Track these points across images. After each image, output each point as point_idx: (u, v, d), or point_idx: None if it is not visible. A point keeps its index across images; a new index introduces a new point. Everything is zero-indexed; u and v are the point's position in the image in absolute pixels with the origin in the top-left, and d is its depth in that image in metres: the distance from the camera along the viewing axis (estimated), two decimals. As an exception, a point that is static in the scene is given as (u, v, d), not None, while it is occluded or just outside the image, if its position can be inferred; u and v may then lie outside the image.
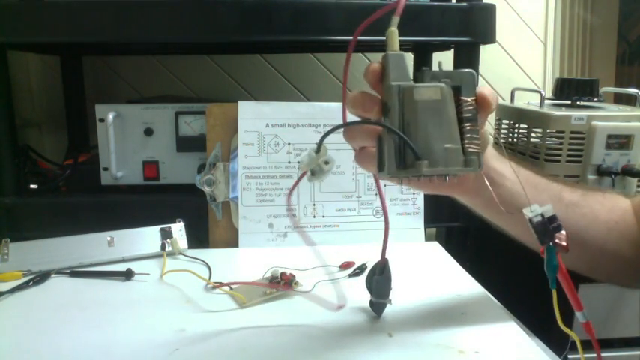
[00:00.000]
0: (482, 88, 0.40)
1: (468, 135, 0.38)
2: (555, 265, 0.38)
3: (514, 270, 0.80)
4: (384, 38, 0.41)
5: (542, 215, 0.39)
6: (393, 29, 0.40)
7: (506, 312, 0.55)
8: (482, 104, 0.39)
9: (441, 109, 0.37)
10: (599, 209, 0.52)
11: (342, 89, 0.45)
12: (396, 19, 0.39)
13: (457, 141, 0.37)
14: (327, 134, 0.41)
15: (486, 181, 0.46)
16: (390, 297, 0.51)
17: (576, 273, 0.50)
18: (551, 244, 0.38)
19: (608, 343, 0.69)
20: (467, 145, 0.38)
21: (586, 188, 0.55)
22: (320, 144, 0.42)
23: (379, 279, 0.50)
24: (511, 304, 0.58)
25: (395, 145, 0.37)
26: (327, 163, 0.44)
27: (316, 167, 0.43)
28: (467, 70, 0.39)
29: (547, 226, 0.38)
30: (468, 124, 0.38)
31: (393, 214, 0.77)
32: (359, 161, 0.44)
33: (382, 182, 0.48)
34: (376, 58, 1.34)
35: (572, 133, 0.77)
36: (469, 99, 0.38)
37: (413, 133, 0.36)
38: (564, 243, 0.38)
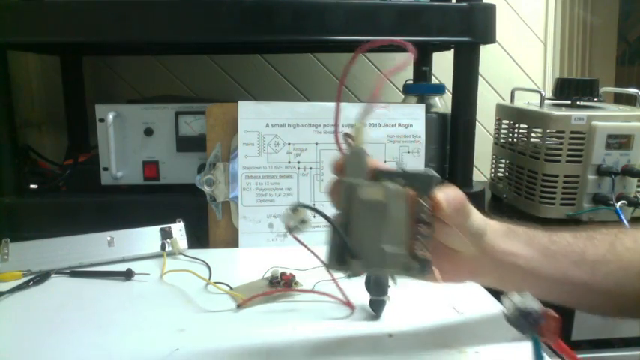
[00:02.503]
0: (439, 192, 0.39)
1: (418, 237, 0.38)
2: (541, 356, 0.35)
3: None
4: (384, 38, 0.41)
5: (518, 309, 0.37)
6: (359, 125, 0.39)
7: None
8: (435, 207, 0.39)
9: (384, 210, 0.37)
10: (630, 258, 0.46)
11: (344, 90, 0.44)
12: (364, 113, 0.38)
13: (400, 242, 0.37)
14: (298, 206, 0.43)
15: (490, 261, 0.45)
16: (389, 294, 0.51)
17: None
18: (536, 335, 0.36)
19: (608, 343, 0.69)
20: (414, 249, 0.38)
21: (613, 233, 0.49)
22: (294, 207, 0.43)
23: (375, 277, 0.50)
24: (511, 304, 0.58)
25: (336, 240, 0.39)
26: (303, 222, 0.44)
27: (295, 224, 0.44)
28: (426, 171, 0.39)
29: (527, 319, 0.37)
30: (421, 227, 0.38)
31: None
32: None
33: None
34: (376, 57, 1.34)
35: (572, 133, 0.77)
36: (423, 202, 0.38)
37: (353, 231, 0.38)
38: (552, 326, 0.36)
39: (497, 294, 0.60)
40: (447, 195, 0.39)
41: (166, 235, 0.69)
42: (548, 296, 0.41)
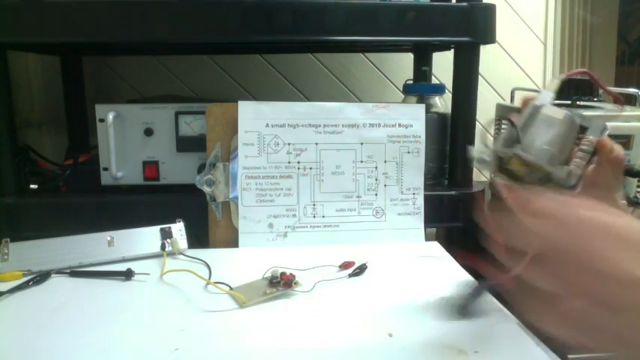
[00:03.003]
0: (608, 139, 0.45)
1: (576, 159, 0.44)
2: None
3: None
4: (383, 38, 0.43)
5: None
6: (556, 81, 0.51)
7: (507, 312, 0.55)
8: (601, 146, 0.44)
9: (557, 126, 0.45)
10: None
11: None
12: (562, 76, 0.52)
13: (559, 151, 0.44)
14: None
15: None
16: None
17: None
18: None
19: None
20: (571, 164, 0.44)
21: None
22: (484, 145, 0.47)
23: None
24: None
25: (509, 132, 0.45)
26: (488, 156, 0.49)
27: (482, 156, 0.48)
28: (604, 123, 0.46)
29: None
30: (580, 153, 0.45)
31: (393, 214, 0.77)
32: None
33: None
34: (376, 57, 1.34)
35: (572, 133, 0.77)
36: (591, 138, 0.45)
37: (527, 132, 0.45)
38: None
39: (497, 294, 0.60)
40: (611, 143, 0.44)
41: (166, 235, 0.69)
42: None
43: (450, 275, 0.64)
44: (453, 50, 0.83)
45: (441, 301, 0.55)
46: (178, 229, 0.70)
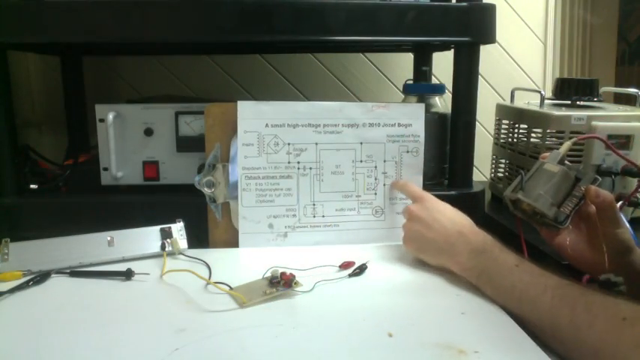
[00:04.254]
0: (596, 187, 0.57)
1: (567, 203, 0.59)
2: None
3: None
4: (383, 38, 0.46)
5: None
6: (568, 143, 0.64)
7: (506, 312, 0.55)
8: (586, 193, 0.58)
9: (554, 178, 0.59)
10: None
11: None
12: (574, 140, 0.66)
13: (553, 196, 0.58)
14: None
15: None
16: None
17: None
18: None
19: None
20: (562, 207, 0.59)
21: None
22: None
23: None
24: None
25: (519, 181, 0.61)
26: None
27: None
28: (593, 175, 0.59)
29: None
30: (572, 199, 0.59)
31: (392, 213, 0.77)
32: (543, 232, 0.63)
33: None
34: (376, 57, 1.34)
35: (572, 133, 0.77)
36: (582, 187, 0.58)
37: (530, 181, 0.61)
38: None
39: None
40: (600, 191, 0.56)
41: (166, 235, 0.69)
42: None
43: (449, 275, 0.64)
44: (453, 50, 0.83)
45: None
46: (178, 229, 0.70)
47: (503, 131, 0.95)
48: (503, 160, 0.96)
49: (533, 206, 0.59)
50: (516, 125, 0.90)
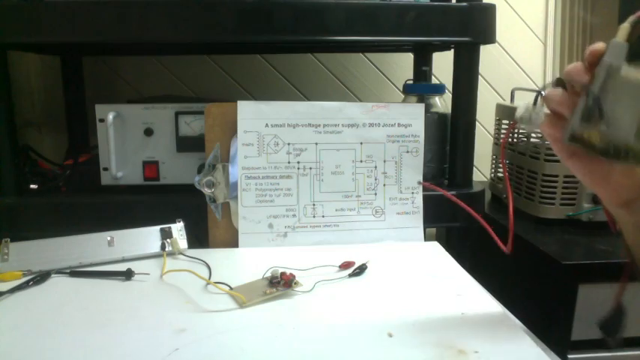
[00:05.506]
0: None
1: None
2: None
3: (514, 270, 0.80)
4: (383, 38, 0.42)
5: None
6: (626, 25, 0.44)
7: (506, 312, 0.55)
8: None
9: None
10: None
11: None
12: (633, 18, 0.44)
13: None
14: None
15: None
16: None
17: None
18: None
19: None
20: None
21: None
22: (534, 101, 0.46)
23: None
24: (511, 304, 0.58)
25: (586, 105, 0.39)
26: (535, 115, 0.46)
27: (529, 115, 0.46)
28: None
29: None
30: None
31: (392, 213, 0.77)
32: (546, 124, 0.45)
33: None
34: (376, 57, 1.33)
35: (572, 133, 0.77)
36: None
37: (607, 101, 0.38)
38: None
39: (497, 294, 0.60)
40: None
41: (166, 235, 0.69)
42: None
43: (449, 275, 0.64)
44: (453, 50, 0.83)
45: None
46: (178, 229, 0.70)
47: (503, 131, 0.95)
48: (503, 160, 0.96)
49: (626, 146, 0.39)
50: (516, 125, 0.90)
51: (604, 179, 0.43)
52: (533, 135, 0.84)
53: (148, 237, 0.69)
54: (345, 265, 0.65)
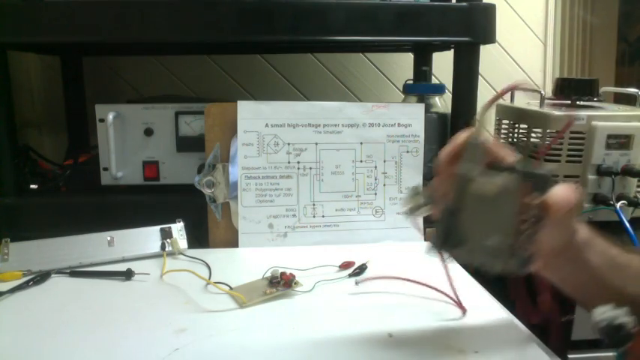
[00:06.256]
0: (554, 194, 0.39)
1: (525, 236, 0.39)
2: None
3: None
4: (383, 38, 0.42)
5: (610, 321, 0.38)
6: (480, 118, 0.42)
7: (507, 312, 0.55)
8: (547, 210, 0.39)
9: (495, 205, 0.38)
10: None
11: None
12: (485, 108, 0.42)
13: (506, 239, 0.38)
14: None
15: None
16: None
17: None
18: (620, 351, 0.36)
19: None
20: (518, 245, 0.39)
21: None
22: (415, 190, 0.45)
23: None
24: (511, 304, 0.58)
25: (445, 225, 0.39)
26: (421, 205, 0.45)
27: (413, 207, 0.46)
28: (543, 172, 0.39)
29: (617, 332, 0.37)
30: (527, 225, 0.39)
31: (392, 213, 0.77)
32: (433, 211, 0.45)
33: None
34: (376, 57, 1.33)
35: (572, 133, 0.77)
36: (535, 201, 0.39)
37: (461, 220, 0.39)
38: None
39: (497, 294, 0.60)
40: (561, 198, 0.39)
41: (166, 235, 0.69)
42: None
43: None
44: (453, 50, 0.83)
45: None
46: (178, 229, 0.70)
47: (503, 131, 0.95)
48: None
49: (479, 264, 0.40)
50: (516, 125, 0.90)
51: None
52: (533, 135, 0.84)
53: (148, 237, 0.69)
54: (345, 265, 0.65)
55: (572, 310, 0.62)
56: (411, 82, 1.01)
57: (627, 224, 0.72)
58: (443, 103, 0.88)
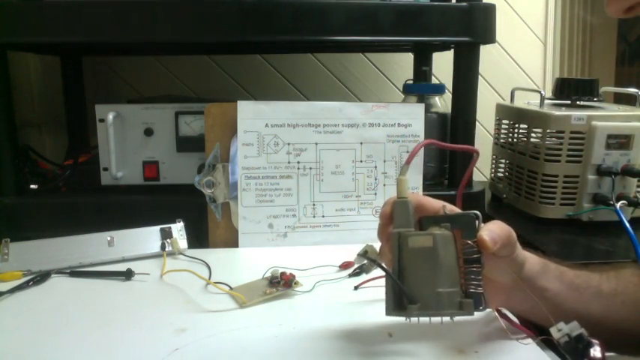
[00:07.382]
0: (484, 230, 0.41)
1: (470, 276, 0.41)
2: None
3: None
4: (383, 38, 0.42)
5: (568, 335, 0.39)
6: (402, 178, 0.45)
7: (507, 312, 0.55)
8: (481, 247, 0.41)
9: (435, 255, 0.40)
10: (635, 291, 0.49)
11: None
12: (405, 168, 0.45)
13: (454, 283, 0.40)
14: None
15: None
16: None
17: None
18: None
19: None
20: (467, 287, 0.41)
21: (616, 267, 0.51)
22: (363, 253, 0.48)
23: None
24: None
25: (393, 287, 0.41)
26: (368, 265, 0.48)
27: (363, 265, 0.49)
28: (468, 213, 0.42)
29: (576, 345, 0.39)
30: (470, 266, 0.41)
31: (393, 214, 0.77)
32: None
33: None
34: (376, 57, 1.33)
35: (572, 133, 0.77)
36: (470, 241, 0.41)
37: (407, 277, 0.40)
38: (599, 356, 0.38)
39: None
40: (492, 232, 0.41)
41: (166, 235, 0.69)
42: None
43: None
44: (453, 50, 0.83)
45: None
46: (178, 229, 0.70)
47: (503, 131, 0.95)
48: (503, 160, 0.96)
49: (435, 316, 0.41)
50: (516, 125, 0.90)
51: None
52: (533, 135, 0.84)
53: (148, 237, 0.69)
54: (345, 265, 0.65)
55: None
56: (411, 82, 1.01)
57: (627, 224, 0.72)
58: (443, 103, 0.88)
